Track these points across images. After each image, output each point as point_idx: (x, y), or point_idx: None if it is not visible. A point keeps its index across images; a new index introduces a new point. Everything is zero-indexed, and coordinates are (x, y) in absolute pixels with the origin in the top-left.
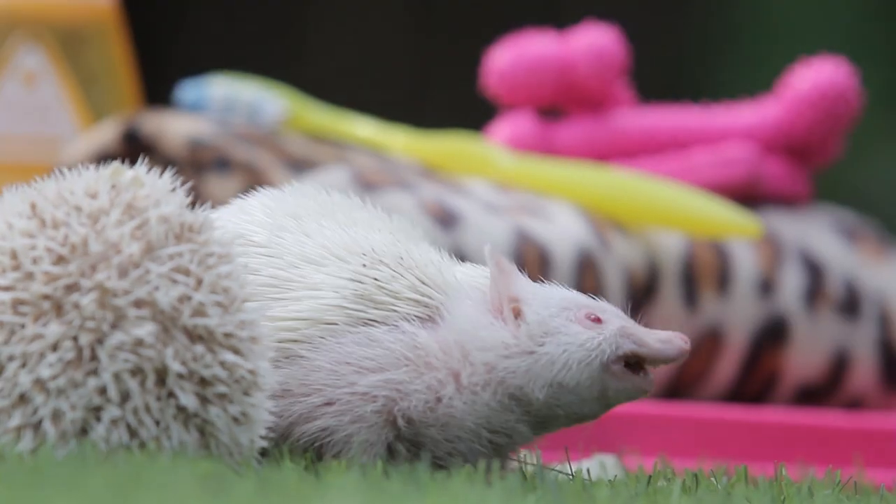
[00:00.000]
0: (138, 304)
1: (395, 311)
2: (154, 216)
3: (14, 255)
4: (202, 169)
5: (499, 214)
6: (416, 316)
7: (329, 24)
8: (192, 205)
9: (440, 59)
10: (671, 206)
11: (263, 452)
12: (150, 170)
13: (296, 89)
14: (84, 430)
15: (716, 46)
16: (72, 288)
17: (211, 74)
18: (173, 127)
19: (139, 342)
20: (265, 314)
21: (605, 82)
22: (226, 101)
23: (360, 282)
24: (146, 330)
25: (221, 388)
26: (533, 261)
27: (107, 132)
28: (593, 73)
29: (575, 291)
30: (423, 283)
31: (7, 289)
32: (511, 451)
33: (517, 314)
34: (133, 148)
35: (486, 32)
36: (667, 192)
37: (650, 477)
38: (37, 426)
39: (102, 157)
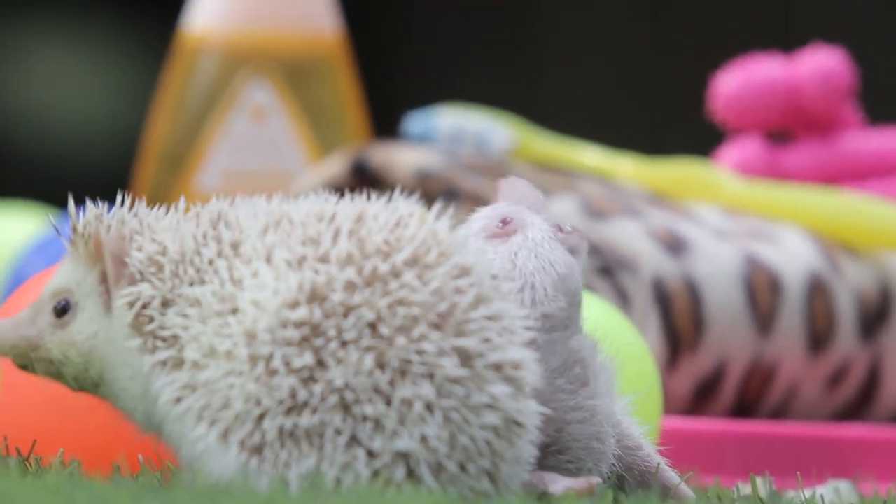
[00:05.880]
0: (494, 366)
1: None
2: (479, 268)
3: (345, 314)
4: (431, 200)
5: (728, 240)
6: None
7: (553, 56)
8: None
9: (668, 85)
10: None
11: None
12: (438, 212)
13: (524, 119)
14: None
15: None
16: (439, 353)
17: (438, 105)
18: (401, 158)
19: (496, 399)
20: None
21: (832, 105)
22: (453, 131)
23: None
24: (500, 390)
25: (515, 430)
26: (763, 287)
27: (335, 164)
28: (820, 97)
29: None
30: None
31: (367, 349)
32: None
33: None
34: (362, 179)
35: (713, 57)
36: None
37: (885, 502)
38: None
39: (331, 190)
